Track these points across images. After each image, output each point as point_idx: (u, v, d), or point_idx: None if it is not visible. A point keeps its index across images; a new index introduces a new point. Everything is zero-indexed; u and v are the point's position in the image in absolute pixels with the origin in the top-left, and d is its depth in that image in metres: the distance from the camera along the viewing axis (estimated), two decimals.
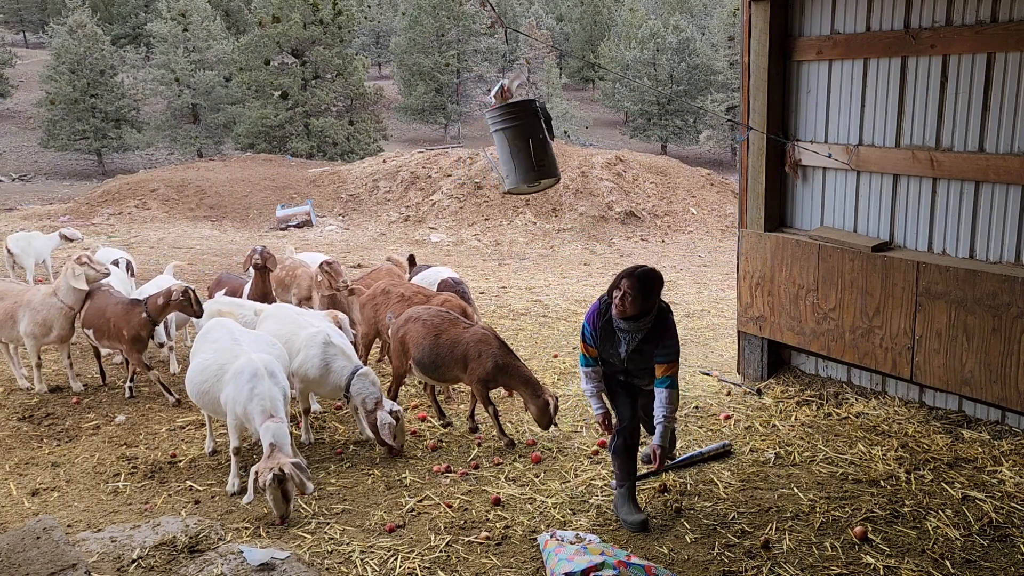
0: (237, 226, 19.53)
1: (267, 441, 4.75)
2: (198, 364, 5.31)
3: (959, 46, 5.27)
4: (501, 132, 4.64)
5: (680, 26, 47.38)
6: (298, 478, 4.61)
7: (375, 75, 59.62)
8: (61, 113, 38.15)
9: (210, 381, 5.17)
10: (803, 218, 6.48)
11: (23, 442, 6.02)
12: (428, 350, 5.75)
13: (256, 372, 4.96)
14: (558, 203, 19.41)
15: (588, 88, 60.69)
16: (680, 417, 6.12)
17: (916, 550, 4.24)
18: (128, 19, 55.70)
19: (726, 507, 4.73)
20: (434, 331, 5.78)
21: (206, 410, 5.48)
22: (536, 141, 4.58)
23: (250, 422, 4.94)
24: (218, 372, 5.14)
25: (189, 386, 5.34)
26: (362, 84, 39.46)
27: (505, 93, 4.68)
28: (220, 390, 5.10)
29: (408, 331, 5.90)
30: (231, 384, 5.01)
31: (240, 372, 4.99)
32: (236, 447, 5.17)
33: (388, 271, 7.96)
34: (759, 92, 6.31)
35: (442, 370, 5.78)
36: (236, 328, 5.57)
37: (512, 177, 4.66)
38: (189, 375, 5.34)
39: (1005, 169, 5.17)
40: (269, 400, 4.90)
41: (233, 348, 5.25)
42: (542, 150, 4.64)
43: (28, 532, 3.88)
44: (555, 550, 4.05)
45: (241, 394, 4.93)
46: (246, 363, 5.03)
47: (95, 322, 6.79)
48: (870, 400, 6.12)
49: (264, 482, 4.55)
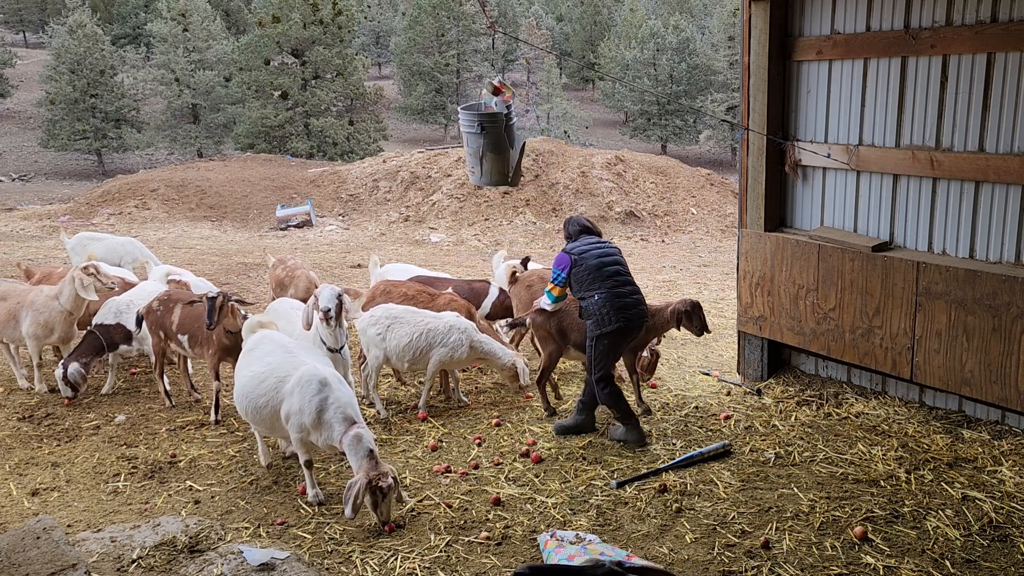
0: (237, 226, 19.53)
1: (365, 448, 4.54)
2: (252, 378, 5.03)
3: (959, 46, 5.27)
4: (464, 134, 5.23)
5: (680, 26, 47.37)
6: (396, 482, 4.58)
7: (375, 75, 59.62)
8: (61, 113, 38.15)
9: (268, 394, 4.92)
10: (803, 218, 6.48)
11: (23, 442, 6.02)
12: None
13: (325, 380, 4.77)
14: (558, 203, 19.41)
15: (588, 88, 60.69)
16: (680, 417, 6.13)
17: (916, 550, 4.24)
18: (128, 19, 55.70)
19: (726, 507, 4.73)
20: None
21: (260, 426, 5.19)
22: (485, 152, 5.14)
23: (327, 430, 4.70)
24: (277, 385, 4.91)
25: (243, 402, 5.05)
26: (362, 84, 39.47)
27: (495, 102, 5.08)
28: (280, 402, 4.87)
29: (563, 318, 6.08)
30: (296, 395, 4.78)
31: (307, 381, 4.77)
32: (308, 460, 4.96)
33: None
34: (759, 92, 6.31)
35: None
36: (285, 339, 5.40)
37: (470, 174, 5.35)
38: (241, 390, 5.07)
39: (1005, 169, 5.17)
40: (348, 406, 4.74)
41: (290, 359, 5.04)
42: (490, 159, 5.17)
43: (28, 532, 3.88)
44: (555, 550, 4.06)
45: (310, 404, 4.70)
46: (311, 372, 4.82)
47: (192, 328, 6.39)
48: (870, 400, 6.12)
49: (388, 487, 4.44)
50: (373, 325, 6.37)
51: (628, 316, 5.49)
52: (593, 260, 5.53)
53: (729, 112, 41.75)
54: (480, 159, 5.15)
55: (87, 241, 10.45)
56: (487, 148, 5.10)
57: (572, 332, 6.07)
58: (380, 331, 6.32)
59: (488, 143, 5.09)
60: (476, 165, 5.20)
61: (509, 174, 5.25)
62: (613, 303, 5.44)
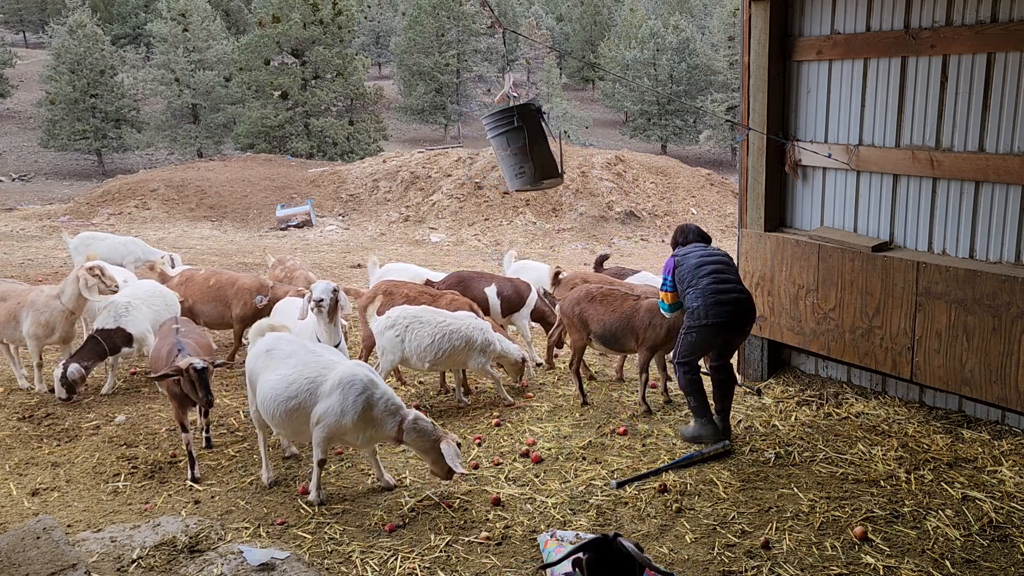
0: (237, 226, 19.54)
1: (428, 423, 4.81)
2: (280, 381, 4.89)
3: (959, 46, 5.27)
4: (496, 138, 4.83)
5: (680, 26, 47.39)
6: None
7: (375, 75, 59.62)
8: (61, 113, 38.17)
9: (301, 396, 4.82)
10: (803, 218, 6.48)
11: (23, 442, 6.02)
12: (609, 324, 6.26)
13: (367, 379, 4.77)
14: (558, 203, 19.42)
15: (588, 88, 60.70)
16: (680, 417, 6.13)
17: (916, 550, 4.24)
18: (128, 19, 55.71)
19: (726, 507, 4.73)
20: (611, 307, 6.28)
21: (286, 430, 5.07)
22: (531, 145, 4.72)
23: (377, 426, 4.76)
24: (310, 386, 4.82)
25: (270, 406, 4.90)
26: (362, 84, 39.49)
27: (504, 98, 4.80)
28: (315, 404, 4.81)
29: (585, 309, 6.35)
30: (335, 395, 4.74)
31: (349, 383, 4.74)
32: (323, 459, 4.93)
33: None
34: (759, 92, 6.31)
35: (621, 341, 6.27)
36: (302, 339, 5.33)
37: (512, 181, 4.88)
38: (268, 394, 4.91)
39: (1005, 169, 5.17)
40: (392, 398, 4.80)
41: (315, 359, 4.98)
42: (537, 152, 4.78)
43: (28, 532, 3.88)
44: (555, 550, 4.06)
45: (354, 405, 4.70)
46: (350, 373, 4.79)
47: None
48: (870, 400, 6.12)
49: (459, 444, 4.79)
50: (391, 328, 6.30)
51: (722, 312, 5.43)
52: (694, 259, 5.56)
53: (729, 112, 41.75)
54: (529, 153, 4.78)
55: (89, 241, 10.44)
56: (533, 139, 4.77)
57: (593, 323, 6.30)
58: (398, 333, 6.27)
59: (531, 133, 4.78)
60: (524, 163, 4.80)
61: (559, 164, 4.95)
62: (707, 299, 5.43)
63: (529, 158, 4.79)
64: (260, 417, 5.16)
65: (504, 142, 4.83)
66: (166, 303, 7.25)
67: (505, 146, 4.82)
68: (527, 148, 4.76)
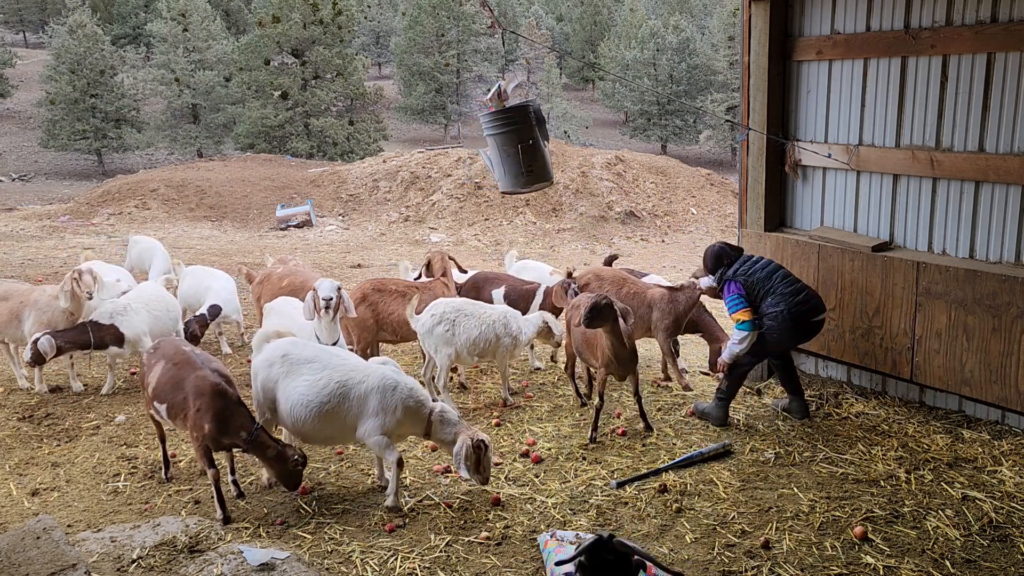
0: (237, 226, 19.54)
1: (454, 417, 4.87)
2: (310, 387, 4.83)
3: (959, 46, 5.27)
4: (493, 137, 4.73)
5: (680, 26, 47.37)
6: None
7: (375, 75, 59.62)
8: (61, 113, 38.14)
9: (333, 400, 4.79)
10: (803, 218, 6.48)
11: (23, 442, 6.02)
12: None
13: (399, 382, 4.83)
14: (558, 203, 19.41)
15: (588, 88, 60.69)
16: (680, 417, 6.13)
17: (916, 550, 4.24)
18: (128, 19, 55.70)
19: (726, 507, 4.73)
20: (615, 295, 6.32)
21: (318, 435, 4.93)
22: (526, 147, 4.66)
23: (415, 424, 4.85)
24: (341, 390, 4.81)
25: (301, 412, 4.81)
26: (362, 84, 39.47)
27: (501, 96, 4.73)
28: (349, 408, 4.80)
29: (572, 316, 6.21)
30: (374, 399, 4.78)
31: (388, 387, 4.79)
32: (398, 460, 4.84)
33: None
34: (759, 92, 6.31)
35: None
36: (316, 344, 5.32)
37: (504, 181, 4.80)
38: (298, 400, 4.82)
39: (1005, 169, 5.17)
40: (419, 392, 4.87)
41: (341, 361, 4.97)
42: (532, 155, 4.71)
43: (28, 532, 3.88)
44: (555, 550, 4.05)
45: (392, 402, 4.77)
46: (385, 377, 4.83)
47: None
48: (870, 400, 6.12)
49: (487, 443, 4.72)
50: (439, 323, 6.25)
51: (806, 310, 5.60)
52: (761, 271, 5.70)
53: (729, 112, 41.74)
54: (534, 154, 4.69)
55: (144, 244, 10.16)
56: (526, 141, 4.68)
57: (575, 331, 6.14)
58: (447, 327, 6.22)
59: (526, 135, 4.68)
60: (530, 163, 4.71)
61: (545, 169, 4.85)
62: (789, 301, 5.59)
63: (535, 160, 4.73)
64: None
65: (498, 143, 4.77)
66: (167, 308, 7.26)
67: (498, 147, 4.76)
68: (533, 150, 4.70)
